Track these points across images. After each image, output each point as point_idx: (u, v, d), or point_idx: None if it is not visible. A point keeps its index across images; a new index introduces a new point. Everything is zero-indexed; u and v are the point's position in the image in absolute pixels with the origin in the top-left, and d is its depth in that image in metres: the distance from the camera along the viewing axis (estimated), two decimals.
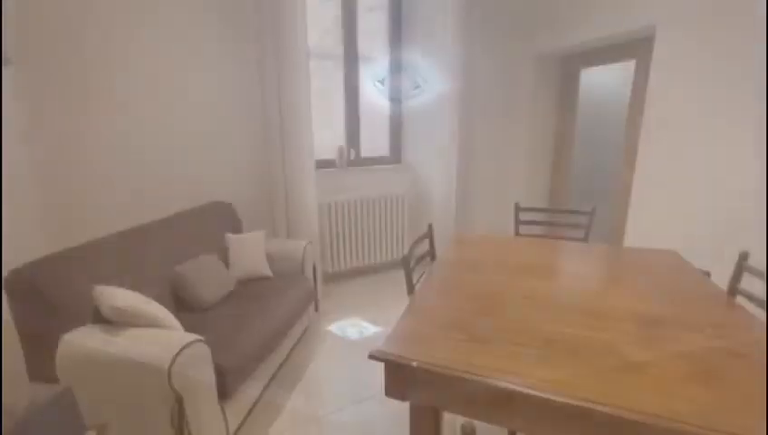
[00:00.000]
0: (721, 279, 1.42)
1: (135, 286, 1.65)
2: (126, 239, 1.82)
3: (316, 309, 2.52)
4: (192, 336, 1.31)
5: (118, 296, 1.36)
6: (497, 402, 0.87)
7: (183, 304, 1.90)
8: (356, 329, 2.49)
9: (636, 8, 2.56)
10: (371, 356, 0.93)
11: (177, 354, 1.21)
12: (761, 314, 1.20)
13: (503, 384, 0.83)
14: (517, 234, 2.26)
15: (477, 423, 1.61)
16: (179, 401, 1.22)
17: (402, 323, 1.09)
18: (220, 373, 1.41)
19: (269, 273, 2.29)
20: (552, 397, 0.80)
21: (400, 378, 0.93)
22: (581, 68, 3.37)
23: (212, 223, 2.37)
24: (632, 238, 2.77)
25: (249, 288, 2.13)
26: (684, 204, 2.45)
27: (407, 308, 1.19)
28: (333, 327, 2.51)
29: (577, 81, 3.42)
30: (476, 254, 1.71)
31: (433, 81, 3.14)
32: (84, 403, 1.03)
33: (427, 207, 3.46)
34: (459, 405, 0.91)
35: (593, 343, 0.99)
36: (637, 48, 2.81)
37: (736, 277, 1.33)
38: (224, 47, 2.52)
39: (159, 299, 1.78)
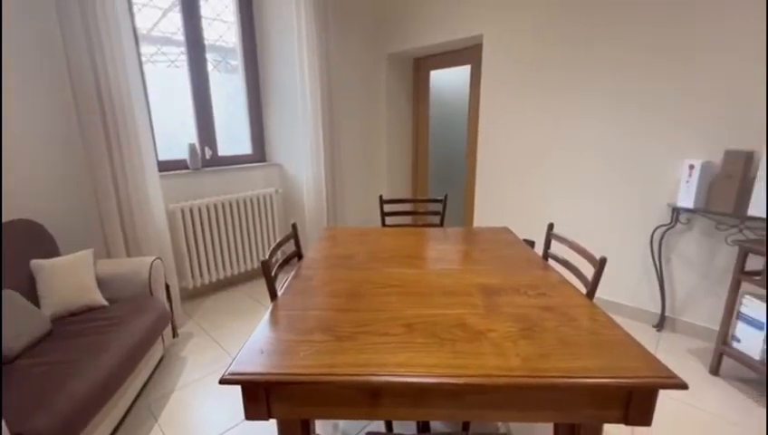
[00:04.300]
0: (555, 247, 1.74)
1: None
2: None
3: (174, 334, 2.18)
4: None
5: None
6: (362, 397, 0.87)
7: None
8: (223, 349, 2.25)
9: (466, 19, 2.93)
10: (222, 381, 0.81)
11: None
12: (563, 269, 1.51)
13: (364, 379, 0.83)
14: (384, 225, 2.35)
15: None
16: None
17: (258, 334, 1.00)
18: None
19: (102, 301, 1.87)
20: (410, 379, 0.83)
21: (258, 397, 0.85)
22: (430, 69, 3.71)
23: (9, 249, 1.81)
24: (479, 219, 3.20)
25: (73, 325, 1.70)
26: (513, 186, 2.93)
27: (267, 317, 1.10)
28: (196, 351, 2.22)
29: (427, 80, 3.75)
30: (343, 248, 1.71)
31: (290, 72, 3.02)
32: None
33: (299, 206, 3.35)
34: (324, 410, 0.87)
35: (446, 320, 1.07)
36: (470, 54, 3.23)
37: (547, 244, 1.64)
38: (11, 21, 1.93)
39: None
